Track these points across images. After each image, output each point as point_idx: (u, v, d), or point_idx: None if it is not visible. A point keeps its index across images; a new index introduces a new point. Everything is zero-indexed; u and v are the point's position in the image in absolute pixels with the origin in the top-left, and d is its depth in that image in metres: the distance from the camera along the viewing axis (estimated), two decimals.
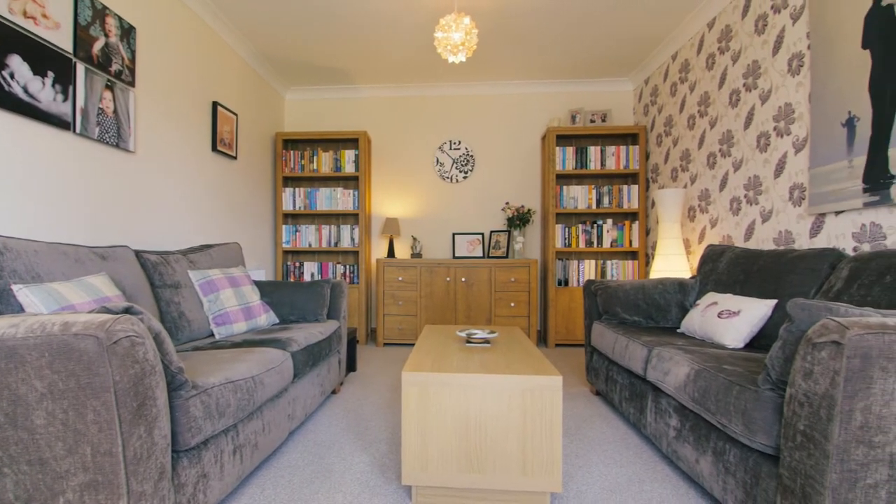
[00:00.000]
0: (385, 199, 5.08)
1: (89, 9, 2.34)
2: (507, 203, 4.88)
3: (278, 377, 1.93)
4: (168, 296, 2.31)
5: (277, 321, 2.84)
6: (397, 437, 2.24)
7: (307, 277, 4.85)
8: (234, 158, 3.86)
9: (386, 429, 2.36)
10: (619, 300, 2.86)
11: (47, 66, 2.11)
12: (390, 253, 4.71)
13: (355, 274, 4.79)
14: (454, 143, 4.98)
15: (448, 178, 4.98)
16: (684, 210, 3.76)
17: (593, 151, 4.52)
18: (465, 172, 4.97)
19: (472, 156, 4.96)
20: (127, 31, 2.60)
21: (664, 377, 1.92)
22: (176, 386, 1.33)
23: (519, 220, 4.61)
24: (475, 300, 4.43)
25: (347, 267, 4.81)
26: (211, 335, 2.48)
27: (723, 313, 2.21)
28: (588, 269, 4.56)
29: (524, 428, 1.60)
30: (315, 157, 4.75)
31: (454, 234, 4.84)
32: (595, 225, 4.58)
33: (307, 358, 2.32)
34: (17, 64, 1.96)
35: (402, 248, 5.04)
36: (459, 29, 2.91)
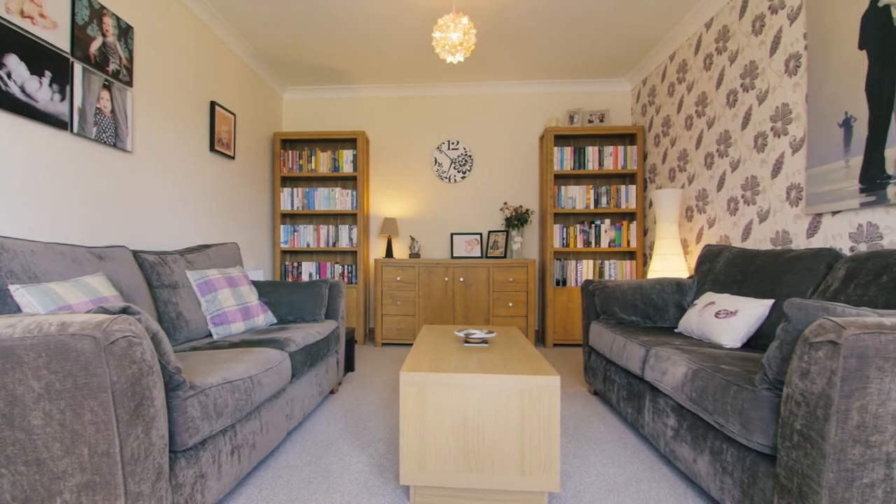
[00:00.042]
0: (383, 199, 5.08)
1: (87, 8, 2.33)
2: (505, 203, 4.88)
3: (276, 377, 1.93)
4: (166, 296, 2.31)
5: (275, 321, 2.84)
6: (395, 437, 2.24)
7: (305, 277, 4.85)
8: (231, 158, 3.86)
9: (384, 429, 2.36)
10: (616, 300, 2.87)
11: (44, 66, 2.11)
12: (388, 253, 4.71)
13: (353, 274, 4.79)
14: (452, 143, 4.98)
15: (446, 178, 4.98)
16: (682, 210, 3.77)
17: (591, 151, 4.53)
18: (464, 172, 4.97)
19: (470, 156, 4.97)
20: (125, 31, 2.60)
21: (662, 377, 1.92)
22: (173, 386, 1.33)
23: (517, 220, 4.62)
24: (473, 300, 4.44)
25: (345, 267, 4.81)
26: (209, 335, 2.48)
27: (720, 313, 2.22)
28: (586, 269, 4.57)
29: (522, 428, 1.60)
30: (313, 157, 4.75)
31: (452, 234, 4.85)
32: (593, 225, 4.58)
33: (305, 358, 2.32)
34: (14, 63, 1.96)
35: (400, 249, 5.04)
36: (457, 29, 2.92)
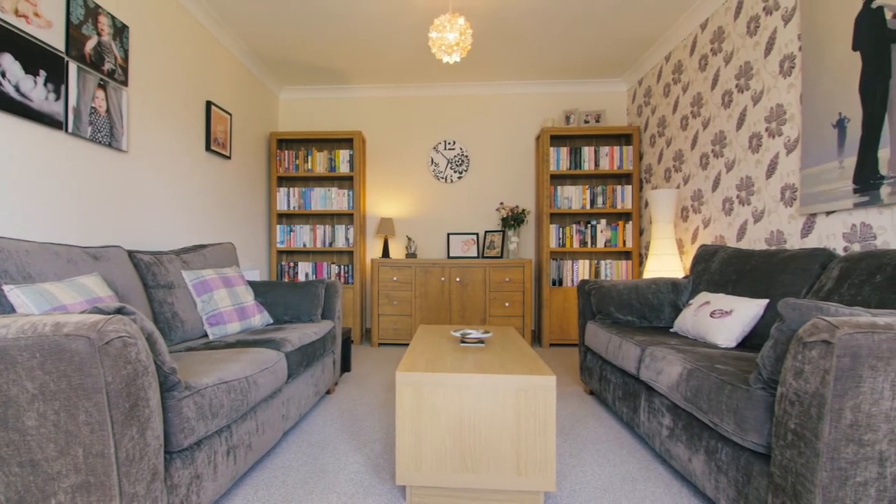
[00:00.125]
0: (380, 200, 5.07)
1: (82, 7, 2.32)
2: (501, 203, 4.88)
3: (272, 377, 1.93)
4: (161, 296, 2.30)
5: (272, 321, 2.83)
6: (392, 437, 2.24)
7: (302, 277, 4.84)
8: (227, 158, 3.85)
9: (380, 429, 2.35)
10: (612, 300, 2.87)
11: (39, 65, 2.10)
12: (385, 253, 4.71)
13: (350, 274, 4.78)
14: (449, 144, 4.98)
15: (443, 179, 4.98)
16: (677, 210, 3.78)
17: (587, 152, 4.54)
18: (460, 172, 4.97)
19: (466, 156, 4.97)
20: (120, 30, 2.59)
21: (657, 376, 1.93)
22: (169, 387, 1.32)
23: (513, 220, 4.62)
24: (470, 300, 4.44)
25: (342, 267, 4.80)
26: (205, 335, 2.47)
27: (715, 313, 2.23)
28: (582, 269, 4.58)
29: (518, 427, 1.60)
30: (309, 157, 4.74)
31: (449, 235, 4.85)
32: (589, 225, 4.59)
33: (301, 358, 2.32)
34: (8, 62, 1.95)
35: (396, 249, 5.03)
36: (454, 29, 2.92)
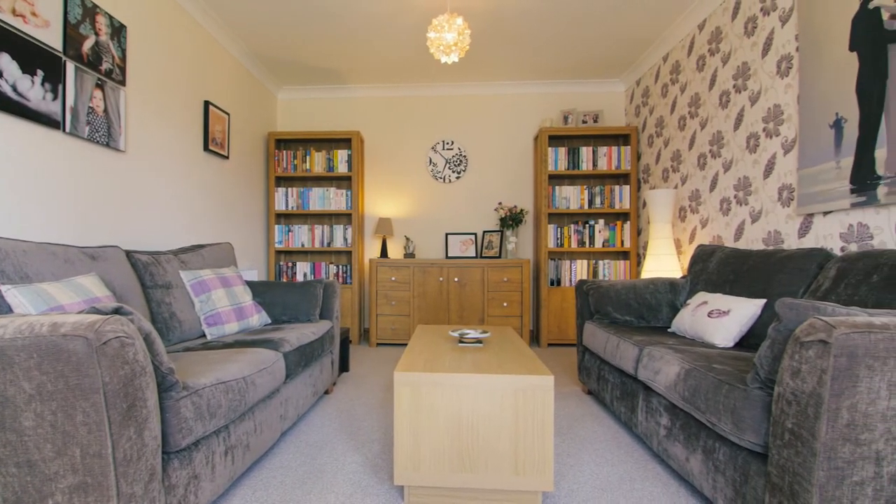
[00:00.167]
0: (378, 200, 5.07)
1: (79, 7, 2.32)
2: (499, 203, 4.89)
3: (270, 378, 1.93)
4: (159, 296, 2.30)
5: (270, 321, 2.83)
6: (390, 437, 2.24)
7: (300, 277, 4.84)
8: (225, 158, 3.84)
9: (378, 429, 2.35)
10: (610, 300, 2.88)
11: (37, 65, 2.09)
12: (383, 253, 4.70)
13: (348, 274, 4.78)
14: (447, 144, 4.98)
15: (441, 179, 4.98)
16: (675, 210, 3.79)
17: (585, 152, 4.54)
18: (458, 173, 4.97)
19: (464, 156, 4.97)
20: (118, 30, 2.58)
21: (655, 376, 1.93)
22: (166, 387, 1.32)
23: (511, 220, 4.63)
24: (468, 300, 4.44)
25: (340, 267, 4.80)
26: (202, 336, 2.47)
27: (713, 313, 2.23)
28: (580, 269, 4.58)
29: (516, 427, 1.60)
30: (308, 157, 4.74)
31: (447, 235, 4.85)
32: (587, 225, 4.60)
33: (299, 358, 2.32)
34: (5, 62, 1.94)
35: (395, 249, 5.03)
36: (452, 29, 2.92)
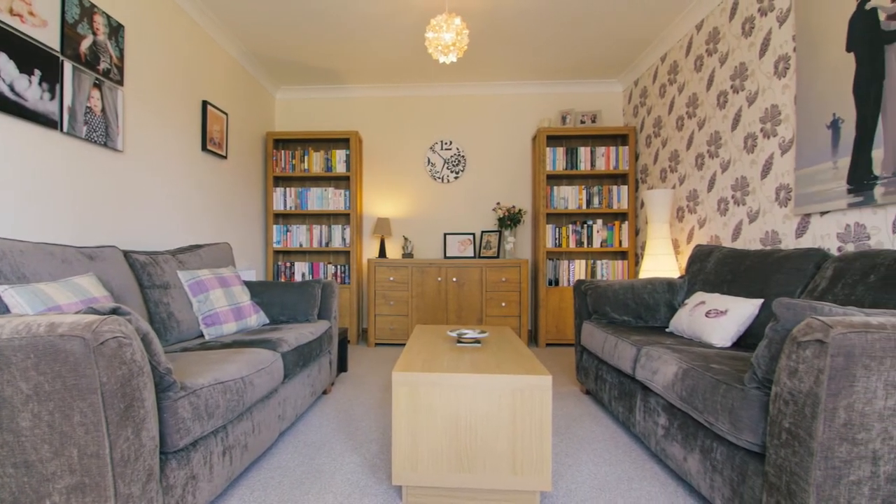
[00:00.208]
0: (376, 200, 5.07)
1: (77, 7, 2.31)
2: (498, 203, 4.89)
3: (268, 378, 1.92)
4: (157, 296, 2.29)
5: (268, 321, 2.82)
6: (388, 437, 2.24)
7: (298, 277, 4.83)
8: (224, 158, 3.83)
9: (377, 429, 2.35)
10: (608, 300, 2.88)
11: (34, 65, 2.08)
12: (381, 253, 4.70)
13: (346, 274, 4.77)
14: (445, 144, 4.98)
15: (439, 179, 4.99)
16: (673, 210, 3.80)
17: (583, 152, 4.55)
18: (457, 173, 4.97)
19: (463, 156, 4.97)
20: (115, 30, 2.57)
21: (653, 376, 1.94)
22: (164, 387, 1.32)
23: (510, 220, 4.63)
24: (466, 300, 4.44)
25: (338, 267, 4.80)
26: (200, 336, 2.47)
27: (710, 312, 2.24)
28: (578, 269, 4.59)
29: (514, 427, 1.60)
30: (306, 157, 4.73)
31: (445, 235, 4.85)
32: (585, 225, 4.60)
33: (298, 358, 2.31)
34: (2, 62, 1.94)
35: (393, 249, 5.03)
36: (450, 29, 2.92)
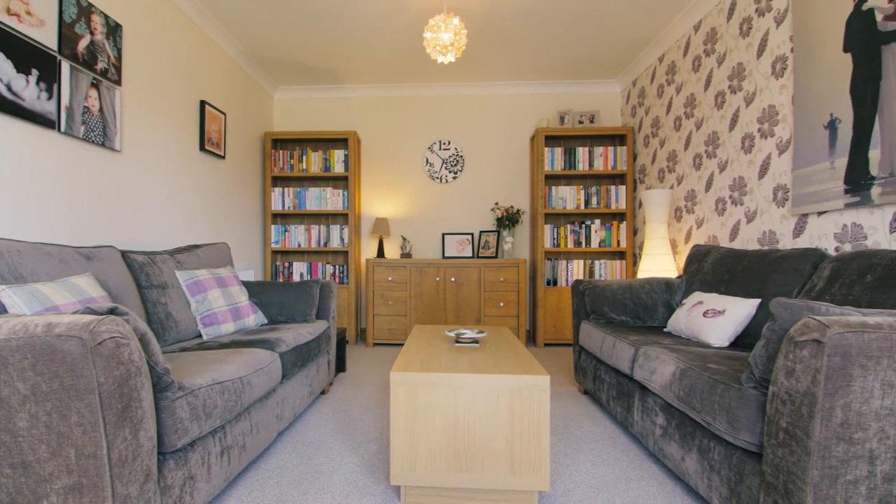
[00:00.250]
0: (375, 200, 5.07)
1: (74, 6, 2.31)
2: (496, 203, 4.89)
3: (266, 378, 1.92)
4: (155, 296, 2.29)
5: (266, 322, 2.82)
6: (386, 437, 2.24)
7: (296, 278, 4.83)
8: (222, 158, 3.83)
9: (375, 429, 2.35)
10: (606, 300, 2.89)
11: (31, 64, 2.08)
12: (380, 253, 4.70)
13: (345, 274, 4.77)
14: (444, 144, 4.98)
15: (438, 179, 4.98)
16: (671, 210, 3.80)
17: (581, 152, 4.55)
18: (455, 173, 4.97)
19: (461, 156, 4.97)
20: (113, 29, 2.57)
21: (650, 376, 1.94)
22: (162, 387, 1.32)
23: (508, 220, 4.63)
24: (464, 300, 4.44)
25: (337, 267, 4.79)
26: (198, 336, 2.46)
27: (708, 312, 2.24)
28: (576, 269, 4.59)
29: (512, 427, 1.61)
30: (304, 157, 4.73)
31: (444, 235, 4.85)
32: (583, 225, 4.61)
33: (296, 358, 2.31)
34: (0, 61, 1.94)
35: (391, 249, 5.03)
36: (448, 29, 2.92)
